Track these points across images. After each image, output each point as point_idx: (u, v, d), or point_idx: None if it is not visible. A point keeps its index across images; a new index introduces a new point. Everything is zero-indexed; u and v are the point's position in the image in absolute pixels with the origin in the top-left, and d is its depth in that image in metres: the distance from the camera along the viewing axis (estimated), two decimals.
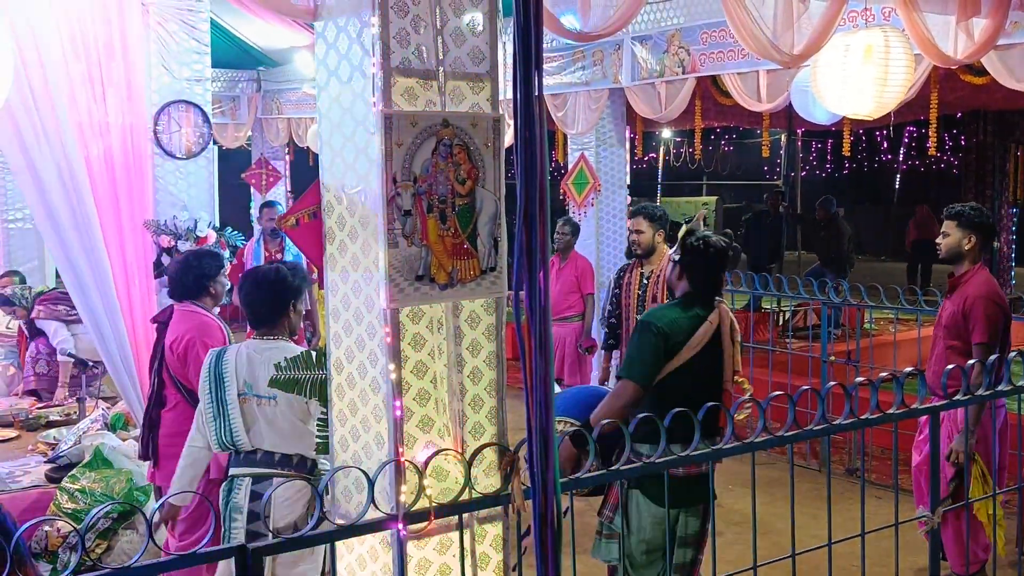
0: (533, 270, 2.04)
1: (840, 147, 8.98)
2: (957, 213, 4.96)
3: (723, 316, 3.93)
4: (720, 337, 3.89)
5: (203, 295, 4.70)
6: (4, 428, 6.62)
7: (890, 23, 5.72)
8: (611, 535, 4.00)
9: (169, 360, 4.59)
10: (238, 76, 11.99)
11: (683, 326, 3.87)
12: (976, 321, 4.75)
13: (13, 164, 5.60)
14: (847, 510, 5.08)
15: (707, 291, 3.98)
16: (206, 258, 4.81)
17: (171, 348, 4.57)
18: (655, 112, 8.12)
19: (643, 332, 3.83)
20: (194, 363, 4.44)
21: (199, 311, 4.67)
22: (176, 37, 5.95)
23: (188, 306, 4.67)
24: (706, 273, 3.98)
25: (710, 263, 3.97)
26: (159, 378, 4.66)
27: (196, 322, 4.60)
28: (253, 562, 2.40)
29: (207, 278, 4.71)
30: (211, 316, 4.67)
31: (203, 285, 4.69)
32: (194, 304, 4.68)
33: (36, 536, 5.09)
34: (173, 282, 4.78)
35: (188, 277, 4.69)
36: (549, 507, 2.18)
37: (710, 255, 3.97)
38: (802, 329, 9.82)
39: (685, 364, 3.83)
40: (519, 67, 2.00)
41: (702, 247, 3.98)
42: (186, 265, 4.76)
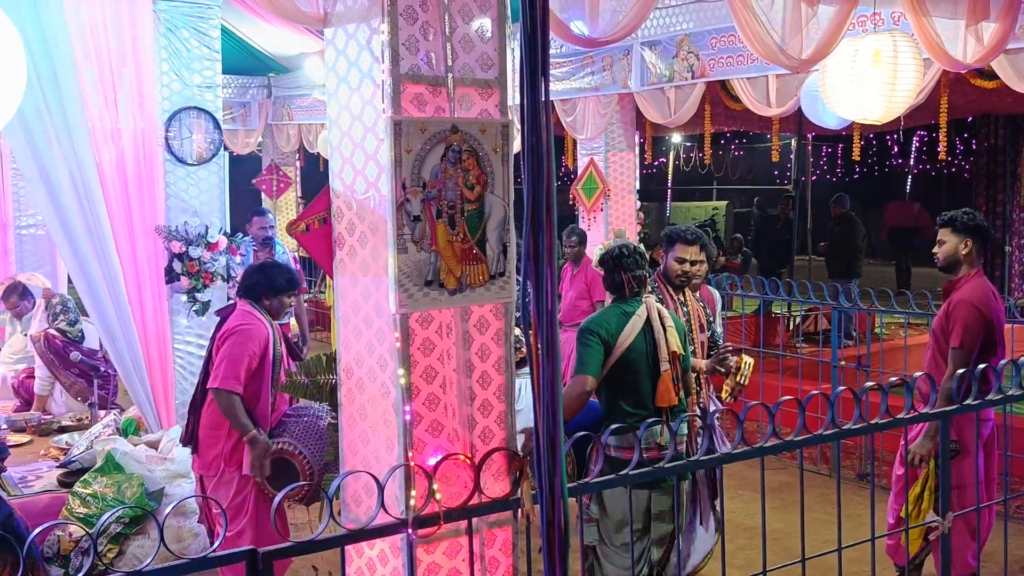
0: (540, 276, 2.05)
1: (850, 151, 8.96)
2: (950, 219, 4.88)
3: (650, 308, 4.44)
4: (651, 325, 4.39)
5: (259, 301, 4.78)
6: (17, 433, 6.66)
7: (899, 27, 5.71)
8: (589, 519, 4.41)
9: (214, 353, 4.70)
10: (249, 82, 12.04)
11: (613, 324, 4.40)
12: (954, 324, 4.70)
13: (26, 170, 5.64)
14: (857, 515, 5.08)
15: (626, 291, 4.47)
16: (278, 273, 4.88)
17: (218, 340, 4.69)
18: (664, 117, 8.13)
19: (584, 336, 4.38)
20: (221, 355, 4.59)
21: (255, 313, 4.74)
22: (187, 44, 5.99)
23: (247, 306, 4.76)
24: (614, 277, 4.50)
25: (615, 268, 4.50)
26: (206, 370, 4.76)
27: (246, 321, 4.68)
28: (264, 566, 2.41)
29: (264, 289, 4.78)
30: (264, 322, 4.73)
31: (256, 293, 4.77)
32: (253, 306, 4.76)
33: (48, 540, 5.11)
34: (243, 278, 4.99)
35: (254, 277, 4.82)
36: (557, 511, 2.19)
37: (611, 263, 4.54)
38: (812, 334, 9.79)
39: (623, 354, 4.35)
40: (526, 74, 2.01)
41: (609, 258, 4.58)
42: (259, 268, 4.93)
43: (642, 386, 4.36)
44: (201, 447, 4.71)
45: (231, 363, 4.55)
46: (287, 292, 4.85)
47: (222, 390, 4.53)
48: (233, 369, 4.54)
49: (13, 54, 4.05)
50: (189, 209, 6.02)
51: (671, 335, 4.41)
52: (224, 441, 4.64)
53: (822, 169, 20.18)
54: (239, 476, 4.61)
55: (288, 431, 4.56)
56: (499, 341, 3.03)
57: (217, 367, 4.59)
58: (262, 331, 4.68)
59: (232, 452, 4.64)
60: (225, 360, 4.57)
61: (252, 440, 4.51)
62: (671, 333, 4.42)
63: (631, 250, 4.58)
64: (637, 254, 4.57)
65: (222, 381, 4.54)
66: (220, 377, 4.55)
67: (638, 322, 4.40)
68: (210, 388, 4.57)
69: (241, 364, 4.55)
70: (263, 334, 4.67)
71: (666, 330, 4.41)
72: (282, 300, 4.83)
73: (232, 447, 4.63)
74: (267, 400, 4.66)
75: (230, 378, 4.54)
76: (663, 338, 4.38)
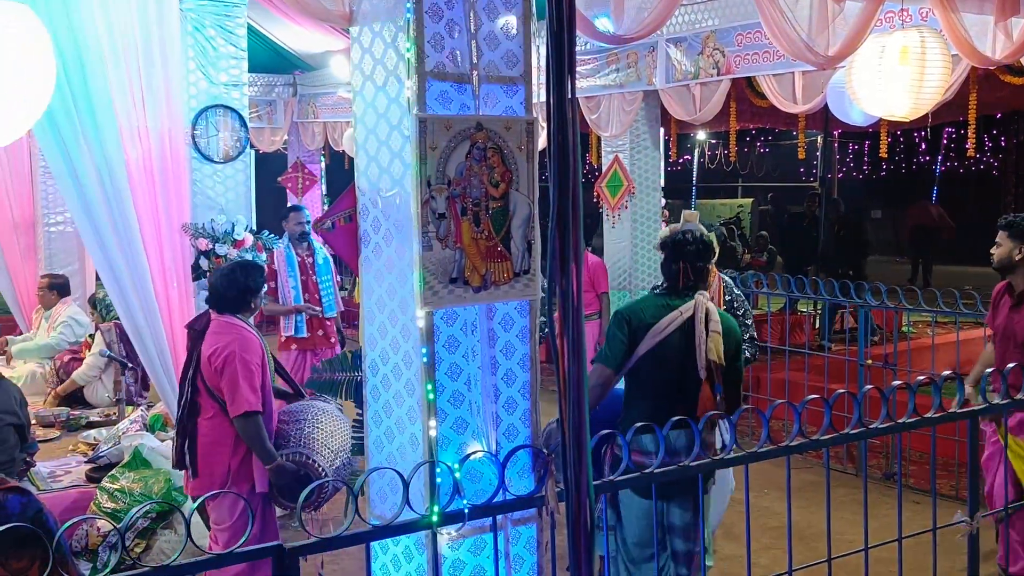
0: (566, 272, 2.05)
1: (877, 149, 8.89)
2: (1009, 223, 4.93)
3: (698, 306, 4.03)
4: (693, 327, 4.00)
5: (244, 308, 4.63)
6: (46, 428, 6.72)
7: (927, 24, 5.66)
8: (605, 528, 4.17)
9: (205, 370, 4.49)
10: (274, 80, 12.09)
11: (648, 314, 4.05)
12: None
13: (55, 168, 5.69)
14: (884, 515, 5.04)
15: (679, 282, 4.11)
16: (253, 271, 4.72)
17: (208, 360, 4.47)
18: (690, 114, 8.09)
19: (612, 321, 4.07)
20: (229, 379, 4.39)
21: (238, 324, 4.57)
22: (214, 42, 6.02)
23: (228, 318, 4.58)
24: (671, 265, 4.13)
25: (674, 255, 4.12)
26: (193, 387, 4.55)
27: (235, 335, 4.50)
28: (289, 562, 2.42)
29: (252, 292, 4.64)
30: (250, 329, 4.59)
31: (247, 300, 4.61)
32: (234, 317, 4.59)
33: (76, 535, 5.16)
34: (216, 293, 4.68)
35: (233, 290, 4.61)
36: (583, 509, 2.19)
37: (670, 248, 4.14)
38: (839, 332, 9.73)
39: (652, 350, 3.99)
40: (553, 71, 2.01)
41: (670, 241, 4.17)
42: (232, 278, 4.66)
43: (667, 387, 4.01)
44: (202, 467, 4.49)
45: (245, 384, 4.39)
46: (263, 286, 4.74)
47: (248, 413, 4.36)
48: (250, 389, 4.39)
49: (44, 54, 4.10)
50: (215, 206, 6.05)
51: (714, 342, 3.97)
52: (230, 457, 4.47)
53: (848, 166, 20.05)
54: (247, 493, 4.43)
55: (291, 439, 4.47)
56: (523, 338, 3.03)
57: (231, 393, 4.39)
58: (253, 340, 4.54)
59: (240, 468, 4.47)
60: (237, 383, 4.38)
61: (278, 469, 4.37)
62: (714, 340, 3.97)
63: (695, 237, 4.16)
64: (702, 243, 4.13)
65: (245, 404, 4.36)
66: (240, 402, 4.37)
67: (678, 318, 4.00)
68: (234, 417, 4.36)
69: (253, 380, 4.42)
70: (255, 342, 4.54)
71: (708, 335, 3.97)
72: (261, 295, 4.75)
73: (240, 462, 4.47)
74: (272, 408, 4.58)
75: (250, 400, 4.37)
76: (703, 343, 3.96)
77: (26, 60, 3.98)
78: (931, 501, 3.67)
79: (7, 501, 4.37)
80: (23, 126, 4.33)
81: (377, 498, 3.12)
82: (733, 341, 4.07)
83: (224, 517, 4.48)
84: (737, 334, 4.12)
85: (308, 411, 4.58)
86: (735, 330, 4.13)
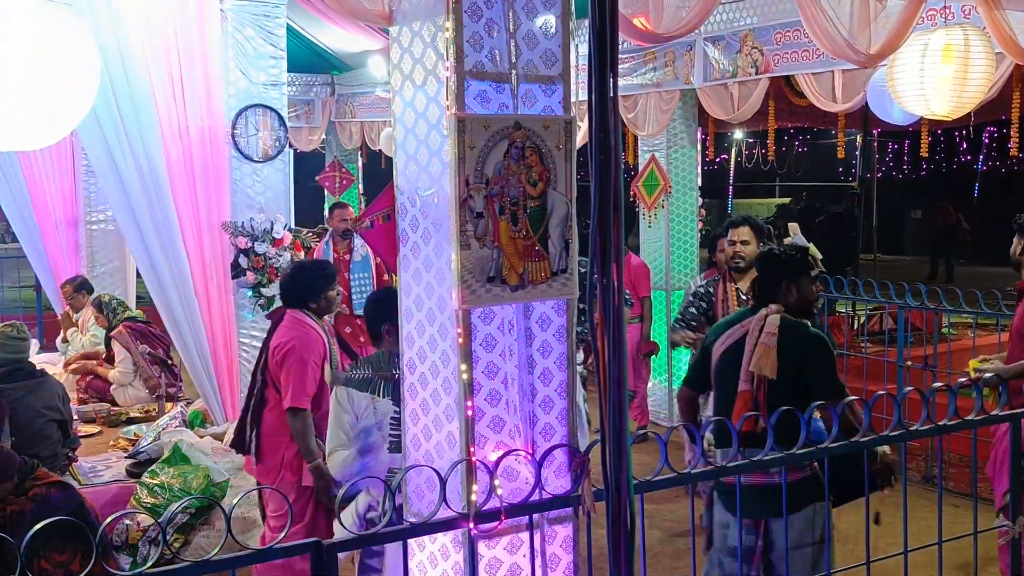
0: (607, 271, 2.05)
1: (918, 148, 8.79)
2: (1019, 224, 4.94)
3: (758, 319, 3.94)
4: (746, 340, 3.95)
5: (309, 306, 4.76)
6: (87, 424, 6.81)
7: (970, 21, 5.59)
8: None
9: (270, 362, 4.68)
10: (313, 80, 12.17)
11: (719, 329, 4.11)
12: None
13: (97, 167, 5.77)
14: (923, 518, 4.99)
15: (763, 297, 4.04)
16: (316, 273, 4.86)
17: (273, 352, 4.66)
18: (727, 113, 8.04)
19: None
20: (286, 373, 4.56)
21: (306, 320, 4.72)
22: (253, 43, 6.07)
23: (297, 313, 4.73)
24: (762, 280, 4.10)
25: (766, 271, 4.08)
26: (262, 377, 4.74)
27: (300, 332, 4.66)
28: (328, 559, 2.44)
29: (313, 293, 4.76)
30: (316, 328, 4.72)
31: (303, 299, 4.75)
32: (303, 312, 4.73)
33: (117, 529, 5.23)
34: (281, 289, 4.93)
35: (292, 288, 4.79)
36: (623, 509, 2.18)
37: (769, 264, 4.09)
38: (878, 333, 9.63)
39: (716, 363, 4.06)
40: (594, 69, 2.01)
41: (765, 255, 4.15)
42: (293, 276, 4.86)
43: (725, 399, 3.99)
44: (264, 454, 4.71)
45: (296, 381, 4.55)
46: (328, 288, 4.83)
47: (297, 409, 4.53)
48: (302, 387, 4.55)
49: (88, 55, 4.15)
50: (255, 205, 6.11)
51: (761, 354, 3.86)
52: (285, 448, 4.64)
53: (888, 166, 19.84)
54: (299, 484, 4.60)
55: None
56: (561, 337, 3.03)
57: (286, 386, 4.58)
58: (316, 338, 4.68)
59: (294, 458, 4.63)
60: (291, 378, 4.56)
61: (317, 469, 4.49)
62: (761, 352, 3.86)
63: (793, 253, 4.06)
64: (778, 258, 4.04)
65: (293, 400, 4.54)
66: (290, 396, 4.55)
67: (737, 332, 3.99)
68: (285, 409, 4.56)
69: (307, 378, 4.57)
70: (318, 341, 4.68)
71: (757, 347, 3.88)
72: (327, 297, 4.83)
73: (294, 454, 4.63)
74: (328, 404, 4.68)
75: (301, 396, 4.54)
76: (748, 354, 3.89)
77: (71, 61, 4.04)
78: (972, 504, 3.63)
79: (50, 495, 4.44)
80: (69, 126, 4.40)
81: (414, 495, 3.13)
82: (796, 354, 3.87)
83: (279, 506, 4.64)
84: (803, 346, 3.91)
85: None
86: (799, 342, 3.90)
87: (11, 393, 5.40)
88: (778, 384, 3.83)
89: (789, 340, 3.88)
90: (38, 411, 5.41)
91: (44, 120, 4.12)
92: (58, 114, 4.16)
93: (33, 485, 4.45)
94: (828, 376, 3.89)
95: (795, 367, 3.84)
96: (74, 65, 4.06)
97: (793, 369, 3.85)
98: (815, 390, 3.74)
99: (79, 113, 4.29)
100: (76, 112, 4.26)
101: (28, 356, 5.75)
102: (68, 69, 4.03)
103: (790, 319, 3.96)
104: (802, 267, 4.04)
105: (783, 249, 4.14)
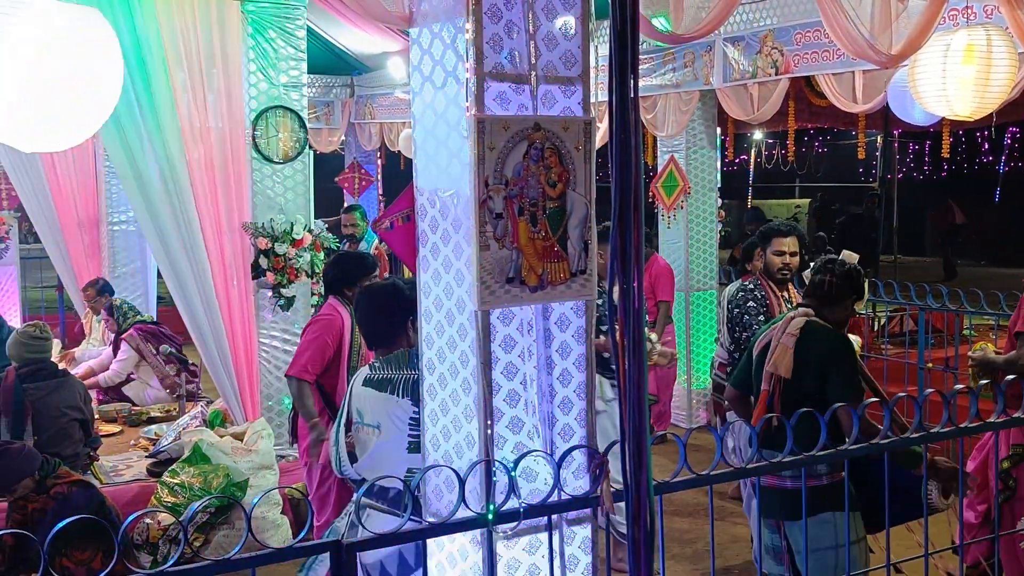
0: (627, 273, 2.05)
1: (939, 149, 8.73)
2: None
3: (784, 322, 4.07)
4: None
5: (341, 294, 5.02)
6: (108, 423, 6.86)
7: (992, 21, 5.55)
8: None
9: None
10: (332, 82, 12.20)
11: (762, 332, 4.21)
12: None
13: (119, 168, 5.81)
14: (943, 520, 4.96)
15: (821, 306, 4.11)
16: (352, 264, 5.17)
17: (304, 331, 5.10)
18: (747, 114, 8.02)
19: None
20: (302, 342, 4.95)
21: (338, 305, 5.00)
22: (274, 44, 6.09)
23: (333, 300, 5.04)
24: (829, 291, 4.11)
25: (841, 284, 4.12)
26: None
27: (328, 316, 4.97)
28: (348, 558, 2.45)
29: (342, 281, 5.03)
30: (344, 313, 4.96)
31: (337, 287, 5.03)
32: (337, 299, 5.02)
33: (138, 528, 5.26)
34: (323, 276, 5.31)
35: (329, 276, 5.14)
36: (643, 510, 2.18)
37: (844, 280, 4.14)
38: (898, 335, 9.58)
39: (755, 366, 4.14)
40: (615, 71, 2.01)
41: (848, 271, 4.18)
42: (333, 263, 5.23)
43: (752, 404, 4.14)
44: (299, 437, 5.06)
45: (306, 352, 4.87)
46: (366, 278, 5.00)
47: (292, 377, 4.86)
48: (308, 358, 4.84)
49: (112, 56, 4.18)
50: (275, 206, 6.13)
51: (780, 355, 3.93)
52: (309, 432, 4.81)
53: (908, 167, 19.72)
54: (321, 467, 4.73)
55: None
56: (579, 339, 3.03)
57: (296, 356, 4.95)
58: (338, 322, 4.92)
59: (314, 443, 4.81)
60: (300, 348, 4.95)
61: (313, 426, 4.80)
62: (781, 352, 3.93)
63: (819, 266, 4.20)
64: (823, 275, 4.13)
65: (294, 370, 4.86)
66: (293, 365, 4.90)
67: (769, 334, 4.09)
68: (286, 374, 4.96)
69: (316, 353, 4.84)
70: (339, 324, 4.92)
71: (777, 347, 3.96)
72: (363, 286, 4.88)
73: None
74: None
75: (303, 367, 4.83)
76: (770, 355, 3.97)
77: (95, 62, 4.08)
78: None
79: (72, 494, 4.48)
80: (92, 127, 4.43)
81: (433, 496, 3.14)
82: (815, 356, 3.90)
83: (311, 488, 4.94)
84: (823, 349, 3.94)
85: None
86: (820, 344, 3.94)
87: (34, 392, 5.45)
88: (792, 385, 3.86)
89: (810, 341, 3.90)
90: (60, 410, 5.46)
91: (67, 122, 4.16)
92: (81, 116, 4.19)
93: (55, 483, 4.50)
94: (847, 379, 3.88)
95: (813, 368, 3.85)
96: (97, 67, 4.09)
97: (811, 370, 3.86)
98: (831, 393, 3.75)
99: (102, 115, 4.32)
100: (99, 114, 4.29)
101: (50, 356, 5.80)
102: (91, 71, 4.06)
103: (817, 323, 3.97)
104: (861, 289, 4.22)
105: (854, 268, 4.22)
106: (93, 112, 4.25)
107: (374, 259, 5.69)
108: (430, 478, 3.12)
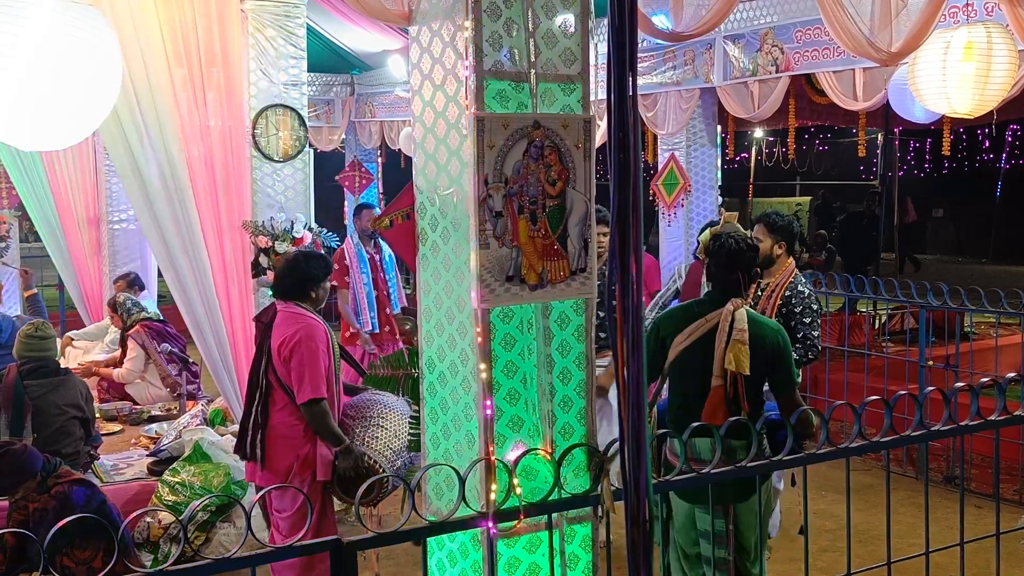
0: (626, 270, 2.04)
1: (939, 146, 8.73)
2: None
3: (724, 316, 3.95)
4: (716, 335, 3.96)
5: (305, 297, 4.65)
6: (109, 422, 6.86)
7: (992, 18, 5.55)
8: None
9: (275, 362, 4.54)
10: (332, 80, 12.20)
11: (676, 322, 4.05)
12: None
13: (119, 166, 5.80)
14: (944, 519, 4.96)
15: (721, 290, 4.06)
16: (314, 261, 4.76)
17: (278, 351, 4.52)
18: (747, 111, 8.02)
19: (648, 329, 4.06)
20: (297, 367, 4.45)
21: (303, 312, 4.60)
22: (274, 43, 6.08)
23: (292, 307, 4.61)
24: (717, 273, 4.07)
25: (720, 263, 4.05)
26: (267, 380, 4.60)
27: (301, 324, 4.54)
28: (346, 557, 2.45)
29: (311, 281, 4.65)
30: (315, 318, 4.62)
31: (306, 288, 4.63)
32: (297, 305, 4.62)
33: (138, 527, 5.26)
34: (277, 279, 4.77)
35: (292, 277, 4.66)
36: (642, 509, 2.18)
37: (711, 255, 4.08)
38: (899, 333, 9.58)
39: (677, 358, 4.00)
40: (614, 69, 2.00)
41: (715, 247, 4.10)
42: (292, 265, 4.73)
43: (690, 395, 4.01)
44: (272, 457, 4.55)
45: (311, 372, 4.43)
46: (326, 279, 4.75)
47: (314, 400, 4.41)
48: (314, 377, 4.44)
49: (111, 54, 4.18)
50: (275, 204, 6.12)
51: (735, 351, 3.87)
52: (299, 448, 4.53)
53: (909, 164, 19.72)
54: (310, 482, 4.51)
55: (355, 437, 4.51)
56: (580, 337, 3.03)
57: (299, 380, 4.45)
58: (319, 327, 4.58)
59: (306, 459, 4.53)
60: (304, 371, 4.44)
61: (347, 451, 4.43)
62: (735, 349, 3.87)
63: (726, 243, 4.08)
64: (733, 249, 4.06)
65: (311, 391, 4.42)
66: (307, 389, 4.42)
67: (702, 327, 3.98)
68: (301, 404, 4.43)
69: (318, 369, 4.46)
70: (321, 330, 4.58)
71: (729, 343, 3.88)
72: (325, 287, 4.74)
73: (307, 454, 4.53)
74: (335, 397, 4.63)
75: (318, 387, 4.43)
76: (721, 351, 3.90)
77: (94, 61, 4.07)
78: (994, 505, 3.60)
79: (72, 493, 4.48)
80: (91, 126, 4.42)
81: (433, 494, 3.14)
82: (767, 350, 3.95)
83: (286, 505, 4.55)
84: (773, 342, 3.99)
85: (374, 407, 4.59)
86: (768, 338, 3.98)
87: (34, 390, 5.45)
88: (751, 379, 3.91)
89: (758, 334, 3.95)
90: (61, 409, 5.46)
91: (67, 120, 4.15)
92: (80, 114, 4.19)
93: (56, 483, 4.49)
94: (790, 369, 4.03)
95: (765, 361, 3.93)
96: (96, 65, 4.09)
97: (763, 363, 3.94)
98: (778, 382, 3.98)
99: (101, 113, 4.31)
100: (98, 112, 4.28)
101: (51, 354, 5.79)
102: (90, 69, 4.05)
103: (752, 312, 4.05)
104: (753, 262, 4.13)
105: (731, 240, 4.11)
106: (93, 110, 4.24)
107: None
108: (430, 476, 3.13)
